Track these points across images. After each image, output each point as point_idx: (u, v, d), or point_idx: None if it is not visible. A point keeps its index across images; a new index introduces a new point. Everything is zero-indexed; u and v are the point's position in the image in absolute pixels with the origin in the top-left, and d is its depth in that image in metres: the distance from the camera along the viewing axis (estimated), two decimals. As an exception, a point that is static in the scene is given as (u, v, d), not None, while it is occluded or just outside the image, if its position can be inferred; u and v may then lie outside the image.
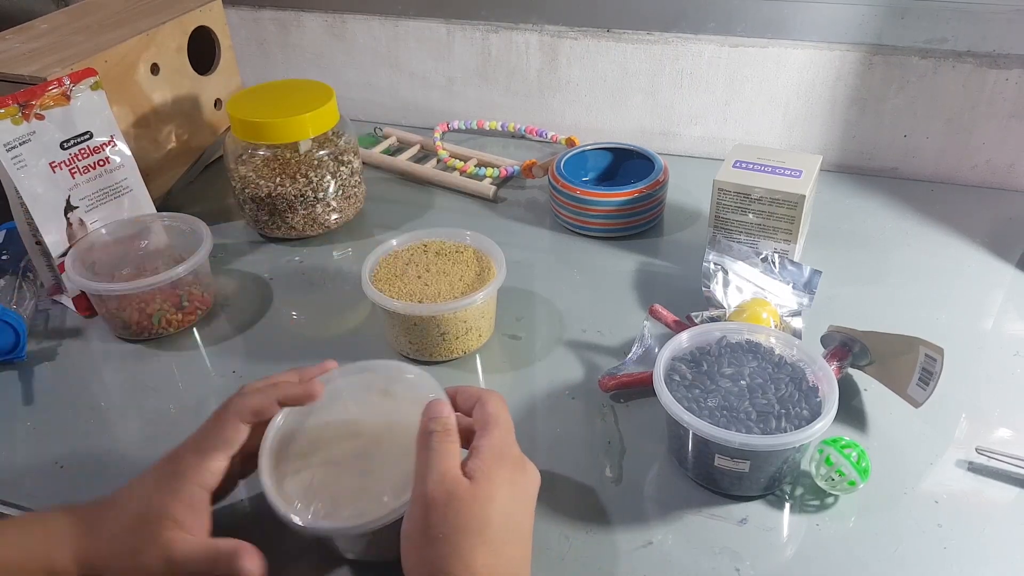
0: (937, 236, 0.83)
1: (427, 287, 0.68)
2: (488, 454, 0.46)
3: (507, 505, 0.45)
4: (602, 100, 1.01)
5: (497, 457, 0.46)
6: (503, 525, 0.44)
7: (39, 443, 0.64)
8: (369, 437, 0.52)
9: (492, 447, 0.46)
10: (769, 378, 0.57)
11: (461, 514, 0.43)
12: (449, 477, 0.44)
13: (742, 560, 0.52)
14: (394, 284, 0.68)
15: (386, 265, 0.71)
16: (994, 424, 0.61)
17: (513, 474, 0.47)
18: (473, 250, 0.72)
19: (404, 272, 0.70)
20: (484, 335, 0.70)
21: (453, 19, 1.02)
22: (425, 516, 0.43)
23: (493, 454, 0.46)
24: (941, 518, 0.55)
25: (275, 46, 1.11)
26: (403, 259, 0.71)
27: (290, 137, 0.80)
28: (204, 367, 0.71)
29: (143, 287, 0.69)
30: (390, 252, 0.72)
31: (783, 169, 0.75)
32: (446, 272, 0.70)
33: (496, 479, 0.45)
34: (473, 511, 0.44)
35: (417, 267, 0.70)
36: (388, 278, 0.69)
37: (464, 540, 0.43)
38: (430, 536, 0.43)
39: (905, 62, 0.88)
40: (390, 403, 0.54)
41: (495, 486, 0.45)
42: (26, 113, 0.70)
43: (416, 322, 0.66)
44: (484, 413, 0.48)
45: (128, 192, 0.78)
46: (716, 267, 0.72)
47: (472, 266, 0.70)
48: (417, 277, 0.69)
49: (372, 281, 0.68)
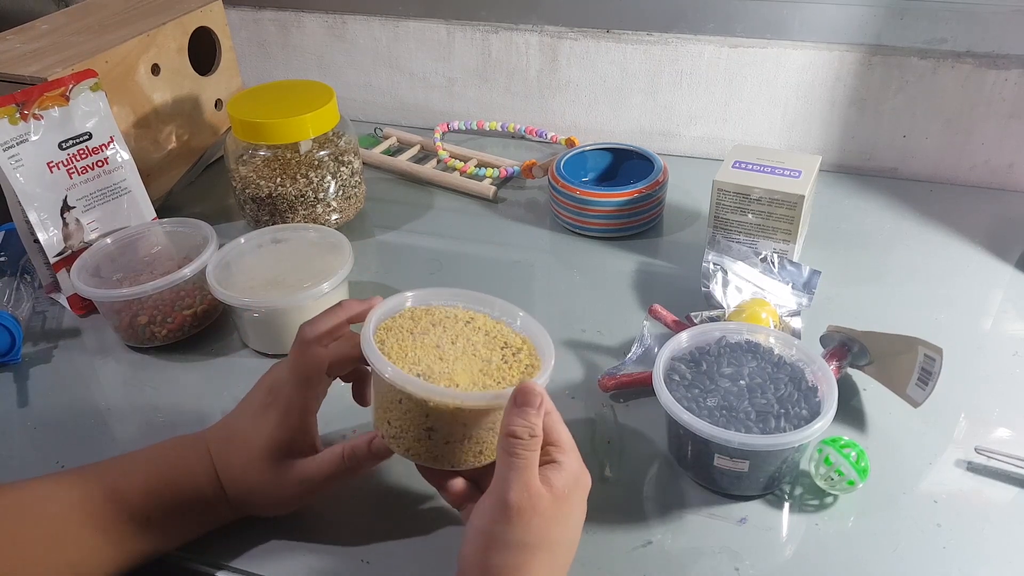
0: (936, 236, 0.84)
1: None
2: (571, 473, 0.47)
3: (576, 527, 0.47)
4: (602, 100, 1.01)
5: (577, 477, 0.47)
6: (568, 546, 0.46)
7: (38, 443, 0.64)
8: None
9: (574, 466, 0.47)
10: (768, 378, 0.57)
11: (540, 529, 0.44)
12: (532, 489, 0.44)
13: (741, 560, 0.52)
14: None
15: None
16: (993, 424, 0.61)
17: (583, 497, 0.48)
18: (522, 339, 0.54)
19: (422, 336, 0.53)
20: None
21: (453, 19, 1.02)
22: (503, 520, 0.44)
23: (575, 474, 0.47)
24: (940, 518, 0.55)
25: (276, 47, 1.11)
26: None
27: (291, 137, 0.80)
28: (204, 368, 0.71)
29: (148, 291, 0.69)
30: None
31: (782, 169, 0.75)
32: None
33: (574, 500, 0.46)
34: (551, 529, 0.44)
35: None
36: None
37: (535, 555, 0.44)
38: (504, 541, 0.44)
39: (904, 62, 0.88)
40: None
41: (572, 507, 0.46)
42: (24, 113, 0.71)
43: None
44: (555, 430, 0.48)
45: (127, 193, 0.78)
46: (715, 267, 0.72)
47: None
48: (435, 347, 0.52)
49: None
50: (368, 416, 0.53)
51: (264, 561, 0.54)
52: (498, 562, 0.44)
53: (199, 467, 0.53)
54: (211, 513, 0.53)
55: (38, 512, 0.49)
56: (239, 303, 0.67)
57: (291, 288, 0.69)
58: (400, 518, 0.56)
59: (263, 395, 0.53)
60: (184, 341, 0.73)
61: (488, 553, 0.44)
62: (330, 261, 0.72)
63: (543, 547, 0.44)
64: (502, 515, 0.44)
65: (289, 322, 0.69)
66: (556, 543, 0.45)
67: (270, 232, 0.76)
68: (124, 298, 0.69)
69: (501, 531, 0.44)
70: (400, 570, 0.53)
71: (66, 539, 0.49)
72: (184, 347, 0.73)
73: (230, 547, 0.54)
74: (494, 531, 0.44)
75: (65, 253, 0.74)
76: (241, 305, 0.67)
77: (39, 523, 0.49)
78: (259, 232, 0.75)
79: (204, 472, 0.52)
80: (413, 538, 0.55)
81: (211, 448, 0.53)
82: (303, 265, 0.72)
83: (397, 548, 0.54)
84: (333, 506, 0.57)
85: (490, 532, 0.44)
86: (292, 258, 0.74)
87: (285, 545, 0.54)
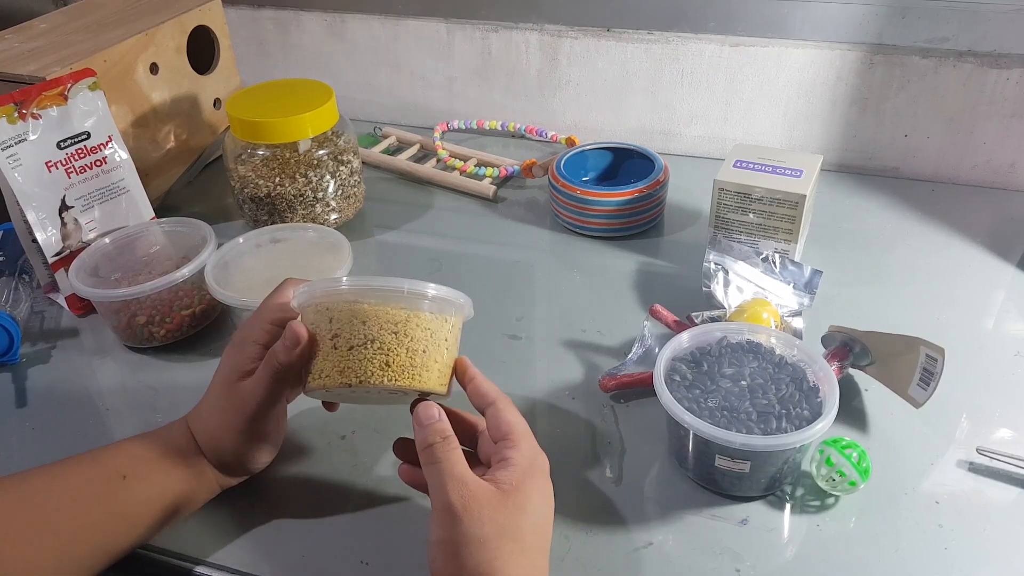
0: (938, 236, 0.83)
1: None
2: (519, 465, 0.46)
3: (539, 514, 0.46)
4: (602, 100, 1.01)
5: (529, 467, 0.47)
6: (537, 534, 0.45)
7: (37, 444, 0.64)
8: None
9: (523, 457, 0.47)
10: (770, 378, 0.57)
11: (494, 521, 0.43)
12: (468, 482, 0.44)
13: (743, 561, 0.52)
14: None
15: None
16: (995, 424, 0.61)
17: (543, 482, 0.47)
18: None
19: None
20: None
21: (453, 19, 1.02)
22: (456, 522, 0.43)
23: (524, 464, 0.46)
24: (942, 518, 0.54)
25: (274, 46, 1.11)
26: None
27: (289, 137, 0.79)
28: (203, 368, 0.71)
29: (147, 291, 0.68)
30: None
31: (784, 169, 0.74)
32: None
33: (528, 489, 0.46)
34: (508, 517, 0.44)
35: None
36: None
37: (500, 546, 0.43)
38: (467, 539, 0.43)
39: (906, 61, 0.87)
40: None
41: (527, 495, 0.45)
42: (22, 112, 0.70)
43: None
44: (504, 421, 0.48)
45: (125, 192, 0.78)
46: (716, 267, 0.72)
47: None
48: None
49: None
50: (362, 412, 0.53)
51: (263, 562, 0.53)
52: (466, 564, 0.43)
53: (176, 428, 0.55)
54: (191, 468, 0.54)
55: (32, 497, 0.50)
56: (238, 303, 0.67)
57: None
58: (400, 519, 0.56)
59: (231, 352, 0.55)
60: (183, 341, 0.73)
61: (454, 561, 0.43)
62: (329, 261, 0.72)
63: (506, 536, 0.43)
64: (449, 517, 0.43)
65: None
66: (519, 530, 0.44)
67: (269, 232, 0.75)
68: (122, 298, 0.69)
69: (454, 534, 0.43)
70: (399, 571, 0.53)
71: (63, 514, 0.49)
72: (183, 347, 0.73)
73: (230, 548, 0.54)
74: (450, 536, 0.43)
75: (63, 253, 0.74)
76: (240, 305, 0.67)
77: (34, 505, 0.49)
78: (258, 232, 0.75)
79: (182, 433, 0.55)
80: (413, 538, 0.54)
81: (190, 416, 0.56)
82: (302, 265, 0.72)
83: (396, 549, 0.54)
84: (332, 507, 0.57)
85: (446, 539, 0.43)
86: (291, 258, 0.74)
87: (285, 546, 0.54)
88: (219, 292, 0.67)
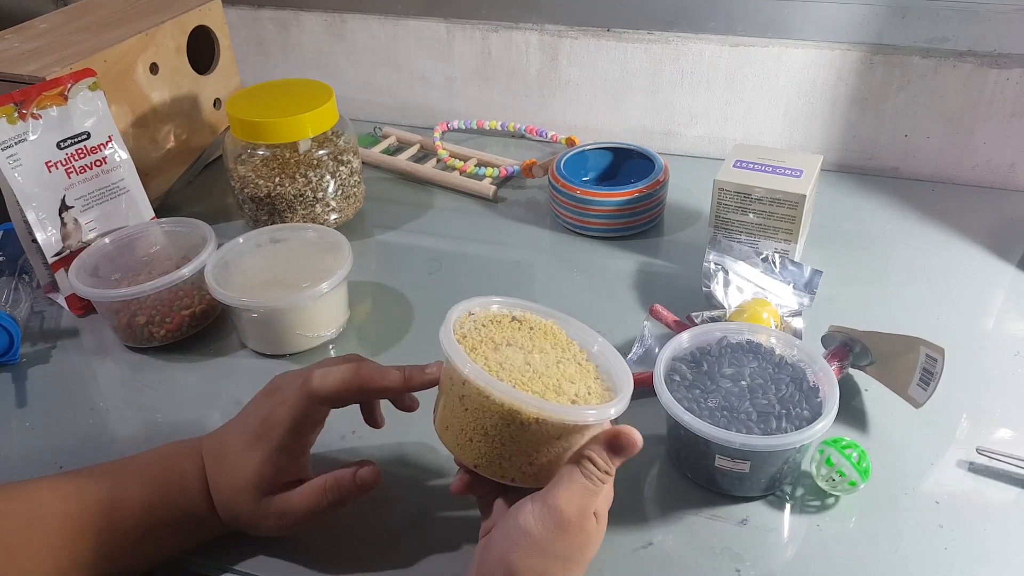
0: (938, 236, 0.83)
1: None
2: (608, 498, 0.48)
3: (598, 546, 0.48)
4: (602, 100, 1.01)
5: (610, 500, 0.49)
6: (588, 564, 0.47)
7: (37, 444, 0.64)
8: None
9: (609, 495, 0.49)
10: (770, 378, 0.57)
11: (578, 547, 0.45)
12: (588, 514, 0.45)
13: (743, 561, 0.52)
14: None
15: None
16: (995, 424, 0.61)
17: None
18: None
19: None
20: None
21: (453, 19, 1.02)
22: (555, 529, 0.44)
23: (610, 498, 0.49)
24: (942, 519, 0.54)
25: (274, 46, 1.11)
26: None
27: (289, 137, 0.79)
28: (203, 368, 0.71)
29: (147, 291, 0.68)
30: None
31: (784, 169, 0.74)
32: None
33: (605, 522, 0.48)
34: (586, 549, 0.46)
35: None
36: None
37: (564, 569, 0.45)
38: (550, 551, 0.44)
39: (906, 61, 0.87)
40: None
41: (603, 529, 0.47)
42: (22, 112, 0.70)
43: None
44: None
45: (125, 192, 0.78)
46: (716, 267, 0.72)
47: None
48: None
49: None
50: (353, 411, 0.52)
51: (263, 563, 0.53)
52: (528, 564, 0.44)
53: (195, 484, 0.52)
54: (204, 530, 0.53)
55: (33, 520, 0.49)
56: (238, 303, 0.67)
57: (290, 288, 0.69)
58: (400, 520, 0.56)
59: (258, 424, 0.51)
60: (183, 341, 0.73)
61: (521, 554, 0.44)
62: (329, 261, 0.72)
63: (572, 562, 0.45)
64: (555, 523, 0.44)
65: (288, 322, 0.68)
66: (583, 563, 0.46)
67: (269, 232, 0.75)
68: (122, 298, 0.69)
69: (545, 538, 0.44)
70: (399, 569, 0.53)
71: (61, 549, 0.48)
72: (183, 347, 0.73)
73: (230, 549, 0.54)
74: (546, 536, 0.44)
75: (63, 253, 0.74)
76: (240, 305, 0.67)
77: (34, 531, 0.48)
78: (258, 232, 0.75)
79: (199, 490, 0.52)
80: (412, 538, 0.54)
81: (206, 463, 0.52)
82: (302, 265, 0.72)
83: (396, 548, 0.54)
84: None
85: (541, 537, 0.44)
86: (291, 258, 0.74)
87: (285, 546, 0.54)
88: (219, 292, 0.67)
